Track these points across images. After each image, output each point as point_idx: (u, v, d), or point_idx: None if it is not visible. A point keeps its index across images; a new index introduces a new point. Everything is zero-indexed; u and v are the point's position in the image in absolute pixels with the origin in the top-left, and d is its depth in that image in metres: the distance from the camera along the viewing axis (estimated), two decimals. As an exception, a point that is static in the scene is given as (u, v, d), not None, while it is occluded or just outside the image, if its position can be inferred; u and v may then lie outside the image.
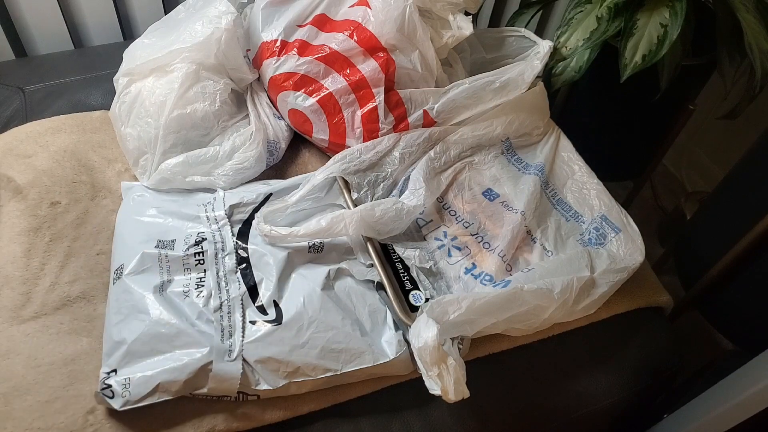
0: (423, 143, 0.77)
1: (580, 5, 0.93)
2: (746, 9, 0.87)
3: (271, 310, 0.60)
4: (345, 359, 0.58)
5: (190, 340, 0.55)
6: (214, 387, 0.54)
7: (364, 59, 0.76)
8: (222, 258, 0.62)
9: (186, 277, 0.61)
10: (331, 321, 0.59)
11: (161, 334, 0.55)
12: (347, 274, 0.65)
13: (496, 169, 0.79)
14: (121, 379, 0.53)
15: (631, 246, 0.72)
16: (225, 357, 0.55)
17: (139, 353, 0.54)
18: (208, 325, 0.57)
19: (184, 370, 0.53)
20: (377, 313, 0.63)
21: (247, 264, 0.63)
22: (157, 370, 0.53)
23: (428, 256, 0.69)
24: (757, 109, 1.11)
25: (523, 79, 0.77)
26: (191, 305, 0.58)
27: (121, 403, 0.52)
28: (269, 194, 0.70)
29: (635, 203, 1.36)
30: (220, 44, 0.74)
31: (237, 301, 0.59)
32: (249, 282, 0.61)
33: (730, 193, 0.97)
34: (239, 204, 0.68)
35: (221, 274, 0.61)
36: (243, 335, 0.57)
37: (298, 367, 0.57)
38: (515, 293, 0.60)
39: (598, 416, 0.70)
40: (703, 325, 1.10)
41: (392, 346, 0.60)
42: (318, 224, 0.62)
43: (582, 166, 0.82)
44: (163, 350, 0.55)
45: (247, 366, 0.56)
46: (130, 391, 0.52)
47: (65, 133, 0.78)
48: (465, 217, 0.74)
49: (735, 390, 0.65)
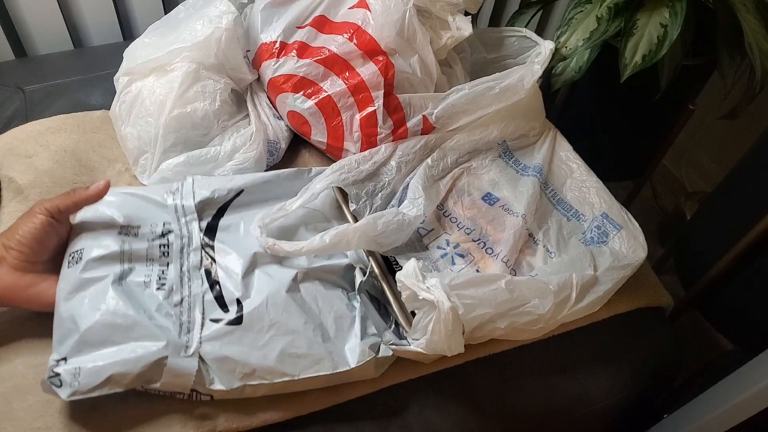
0: (419, 151, 0.77)
1: (580, 5, 0.93)
2: (746, 9, 0.87)
3: (233, 308, 0.58)
4: (303, 365, 0.56)
5: (146, 333, 0.53)
6: (168, 382, 0.53)
7: (364, 62, 0.76)
8: (187, 253, 0.61)
9: (148, 267, 0.59)
10: (292, 324, 0.58)
11: (117, 325, 0.52)
12: (315, 277, 0.64)
13: (494, 173, 0.79)
14: (70, 368, 0.50)
15: (633, 242, 0.72)
16: (181, 352, 0.53)
17: (92, 342, 0.52)
18: (167, 318, 0.55)
19: (138, 363, 0.51)
20: (343, 320, 0.61)
21: (212, 261, 0.61)
22: (110, 361, 0.51)
23: (431, 266, 0.69)
24: (757, 109, 1.11)
25: (522, 85, 0.76)
26: (151, 297, 0.56)
27: (69, 393, 0.50)
28: (241, 190, 0.68)
29: (635, 203, 1.36)
30: (220, 44, 0.74)
31: (198, 297, 0.58)
32: (213, 279, 0.60)
33: (730, 193, 0.97)
34: (210, 199, 0.66)
35: (185, 269, 0.59)
36: (201, 332, 0.55)
37: (255, 370, 0.55)
38: (504, 278, 0.60)
39: (598, 416, 0.70)
40: (703, 325, 1.10)
41: (355, 354, 0.58)
42: (322, 241, 0.61)
43: (580, 165, 0.82)
44: (118, 341, 0.52)
45: (202, 364, 0.54)
46: (79, 381, 0.50)
47: (65, 133, 0.78)
48: (466, 224, 0.74)
49: (735, 390, 0.65)
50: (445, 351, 0.57)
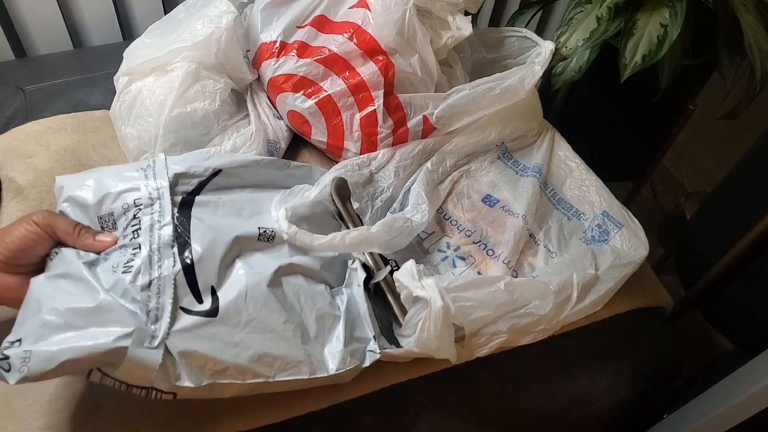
0: (418, 155, 0.77)
1: (580, 5, 0.93)
2: (746, 9, 0.87)
3: (207, 298, 0.53)
4: (279, 367, 0.53)
5: (109, 318, 0.48)
6: (126, 373, 0.47)
7: (364, 62, 0.75)
8: (158, 229, 0.54)
9: (121, 253, 0.53)
10: (271, 323, 0.54)
11: (78, 308, 0.48)
12: (299, 271, 0.60)
13: (493, 175, 0.79)
14: (20, 351, 0.45)
15: (634, 240, 0.72)
16: (146, 342, 0.48)
17: (51, 325, 0.47)
18: (134, 304, 0.50)
19: (95, 349, 0.46)
20: (325, 319, 0.58)
21: (186, 239, 0.54)
22: (65, 346, 0.46)
23: (432, 269, 0.69)
24: (757, 109, 1.11)
25: (523, 85, 0.76)
26: (116, 279, 0.51)
27: (17, 378, 0.45)
28: (219, 169, 0.62)
29: (635, 203, 1.36)
30: (220, 44, 0.74)
31: (169, 280, 0.51)
32: (185, 260, 0.53)
33: (730, 193, 0.97)
34: (185, 174, 0.59)
35: (154, 247, 0.52)
36: (171, 322, 0.50)
37: (227, 368, 0.50)
38: (503, 280, 0.60)
39: (598, 416, 0.70)
40: (703, 325, 1.10)
41: (335, 359, 0.55)
42: (342, 240, 0.59)
43: (579, 164, 0.82)
44: (79, 325, 0.47)
45: (169, 357, 0.49)
46: (28, 366, 0.45)
47: (66, 133, 0.78)
48: (466, 226, 0.74)
49: (735, 390, 0.65)
50: (433, 351, 0.56)
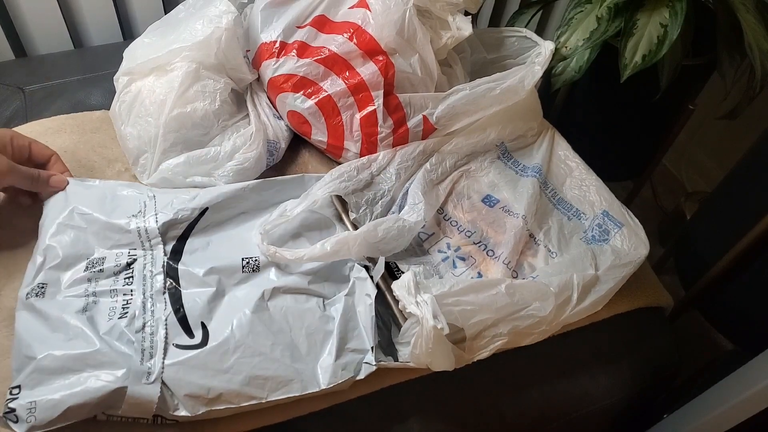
0: (418, 156, 0.77)
1: (580, 5, 0.93)
2: (746, 9, 0.87)
3: (198, 332, 0.56)
4: (271, 387, 0.55)
5: (105, 360, 0.51)
6: (129, 410, 0.51)
7: (364, 62, 0.75)
8: (151, 278, 0.59)
9: (112, 300, 0.57)
10: (259, 346, 0.56)
11: (75, 353, 0.51)
12: (285, 292, 0.62)
13: (493, 175, 0.79)
14: (25, 403, 0.48)
15: (635, 240, 0.72)
16: (143, 379, 0.52)
17: (48, 371, 0.50)
18: (128, 345, 0.54)
19: (97, 393, 0.49)
20: (315, 335, 0.59)
21: (176, 285, 0.60)
22: (67, 392, 0.49)
23: (433, 270, 0.69)
24: (757, 109, 1.11)
25: (523, 86, 0.76)
26: (113, 325, 0.55)
27: (26, 429, 0.48)
28: (205, 208, 0.66)
29: (635, 203, 1.36)
30: (220, 44, 0.74)
31: (161, 321, 0.56)
32: (176, 303, 0.58)
33: (730, 193, 0.97)
34: (174, 220, 0.64)
35: (148, 294, 0.58)
36: (164, 357, 0.54)
37: (221, 394, 0.53)
38: (504, 283, 0.60)
39: (598, 416, 0.70)
40: (703, 325, 1.10)
41: (327, 374, 0.57)
42: (323, 248, 0.60)
43: (579, 164, 0.82)
44: (76, 369, 0.51)
45: (166, 390, 0.52)
46: (35, 416, 0.48)
47: (65, 133, 0.78)
48: (466, 227, 0.74)
49: (735, 390, 0.65)
50: (428, 365, 0.57)
